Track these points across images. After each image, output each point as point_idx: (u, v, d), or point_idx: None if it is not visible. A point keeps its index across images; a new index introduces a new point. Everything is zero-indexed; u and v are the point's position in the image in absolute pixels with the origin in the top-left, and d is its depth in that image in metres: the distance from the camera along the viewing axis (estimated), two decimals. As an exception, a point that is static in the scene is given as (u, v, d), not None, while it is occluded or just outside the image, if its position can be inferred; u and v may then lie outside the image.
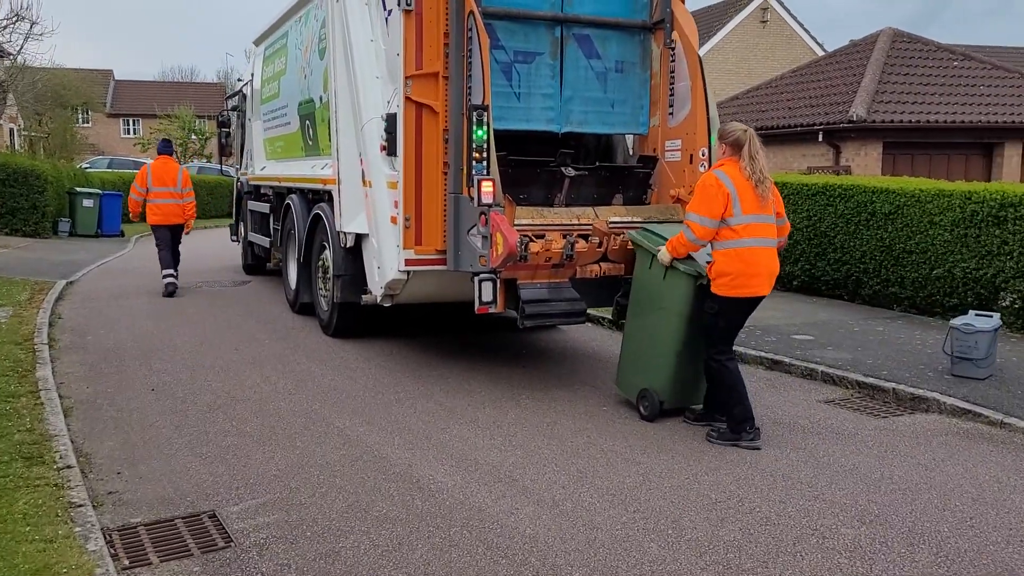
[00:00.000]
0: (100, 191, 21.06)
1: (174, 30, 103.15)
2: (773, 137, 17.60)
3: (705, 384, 6.12)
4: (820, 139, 16.44)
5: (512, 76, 6.99)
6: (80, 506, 4.43)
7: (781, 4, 31.19)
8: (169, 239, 11.77)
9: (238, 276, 13.95)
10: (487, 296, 6.19)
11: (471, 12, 6.41)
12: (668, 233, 6.07)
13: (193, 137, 48.07)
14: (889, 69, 17.44)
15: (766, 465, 5.34)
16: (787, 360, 7.83)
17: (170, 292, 11.61)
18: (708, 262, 5.73)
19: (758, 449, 5.59)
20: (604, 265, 6.76)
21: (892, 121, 15.87)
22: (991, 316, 7.23)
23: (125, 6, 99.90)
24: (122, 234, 20.90)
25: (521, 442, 5.74)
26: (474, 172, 6.17)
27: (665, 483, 5.02)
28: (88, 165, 33.17)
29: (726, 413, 5.78)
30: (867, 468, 5.31)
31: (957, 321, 7.14)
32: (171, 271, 11.73)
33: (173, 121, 46.75)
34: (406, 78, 6.74)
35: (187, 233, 12.14)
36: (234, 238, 15.38)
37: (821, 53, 30.33)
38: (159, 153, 12.28)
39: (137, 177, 12.03)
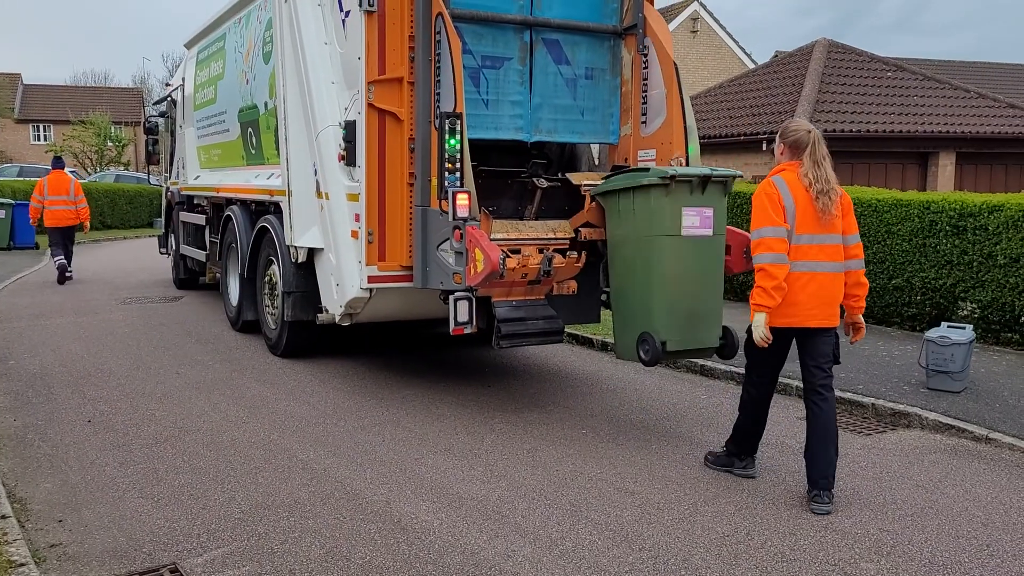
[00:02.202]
0: (12, 201, 19.88)
1: (86, 33, 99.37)
2: (715, 146, 17.63)
3: (716, 322, 5.69)
4: (764, 148, 16.52)
5: (480, 82, 6.62)
6: (22, 565, 3.89)
7: (711, 15, 31.59)
8: (61, 239, 14.21)
9: (169, 291, 13.21)
10: (463, 316, 5.80)
11: (440, 14, 6.04)
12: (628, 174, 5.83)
13: (109, 144, 46.16)
14: (827, 79, 17.66)
15: (766, 492, 5.08)
16: (759, 375, 7.62)
17: (61, 272, 13.94)
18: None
19: (752, 478, 5.29)
20: (586, 230, 6.43)
21: (834, 131, 16.03)
22: (963, 328, 7.16)
23: (33, 7, 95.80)
24: (36, 246, 19.74)
25: (503, 472, 5.36)
26: (447, 184, 5.78)
27: (665, 515, 4.71)
28: (-3, 173, 31.52)
29: (733, 436, 5.37)
30: (868, 492, 5.11)
31: (932, 333, 7.04)
32: (62, 257, 14.12)
33: (88, 127, 44.76)
34: (368, 83, 6.34)
35: (85, 231, 15.29)
36: (163, 251, 14.63)
37: (750, 63, 30.84)
38: (52, 168, 14.78)
39: (36, 188, 14.59)
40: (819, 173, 4.70)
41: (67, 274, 14.09)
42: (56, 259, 14.09)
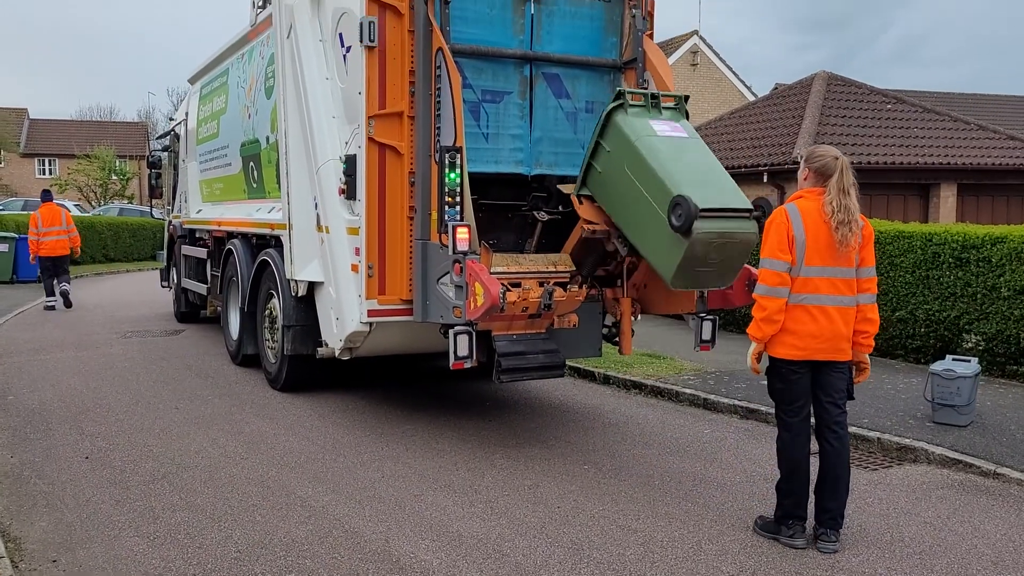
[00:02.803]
0: (15, 235, 19.90)
1: (92, 68, 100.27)
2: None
3: (737, 192, 5.54)
4: (765, 180, 16.53)
5: (480, 116, 6.63)
6: (12, 608, 3.82)
7: (710, 48, 31.83)
8: (53, 269, 14.91)
9: (171, 325, 13.18)
10: (463, 351, 5.75)
11: (440, 49, 6.06)
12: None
13: (114, 177, 46.44)
14: (827, 111, 17.71)
15: (770, 529, 5.00)
16: (763, 409, 7.57)
17: (51, 307, 14.81)
18: None
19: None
20: (589, 227, 6.27)
21: (834, 162, 16.03)
22: (968, 360, 7.09)
23: (41, 43, 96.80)
24: (39, 280, 19.72)
25: (504, 509, 5.28)
26: (447, 217, 5.77)
27: (669, 554, 4.63)
28: (1, 207, 31.67)
29: (777, 500, 4.88)
30: (875, 530, 5.02)
31: (938, 366, 6.98)
32: (53, 298, 14.88)
33: (92, 161, 45.04)
34: (368, 118, 6.36)
35: (76, 255, 15.47)
36: (165, 284, 14.63)
37: (750, 96, 31.01)
38: (43, 201, 15.33)
39: (31, 222, 15.15)
40: (843, 202, 4.51)
41: (67, 300, 14.81)
42: (47, 301, 14.95)
